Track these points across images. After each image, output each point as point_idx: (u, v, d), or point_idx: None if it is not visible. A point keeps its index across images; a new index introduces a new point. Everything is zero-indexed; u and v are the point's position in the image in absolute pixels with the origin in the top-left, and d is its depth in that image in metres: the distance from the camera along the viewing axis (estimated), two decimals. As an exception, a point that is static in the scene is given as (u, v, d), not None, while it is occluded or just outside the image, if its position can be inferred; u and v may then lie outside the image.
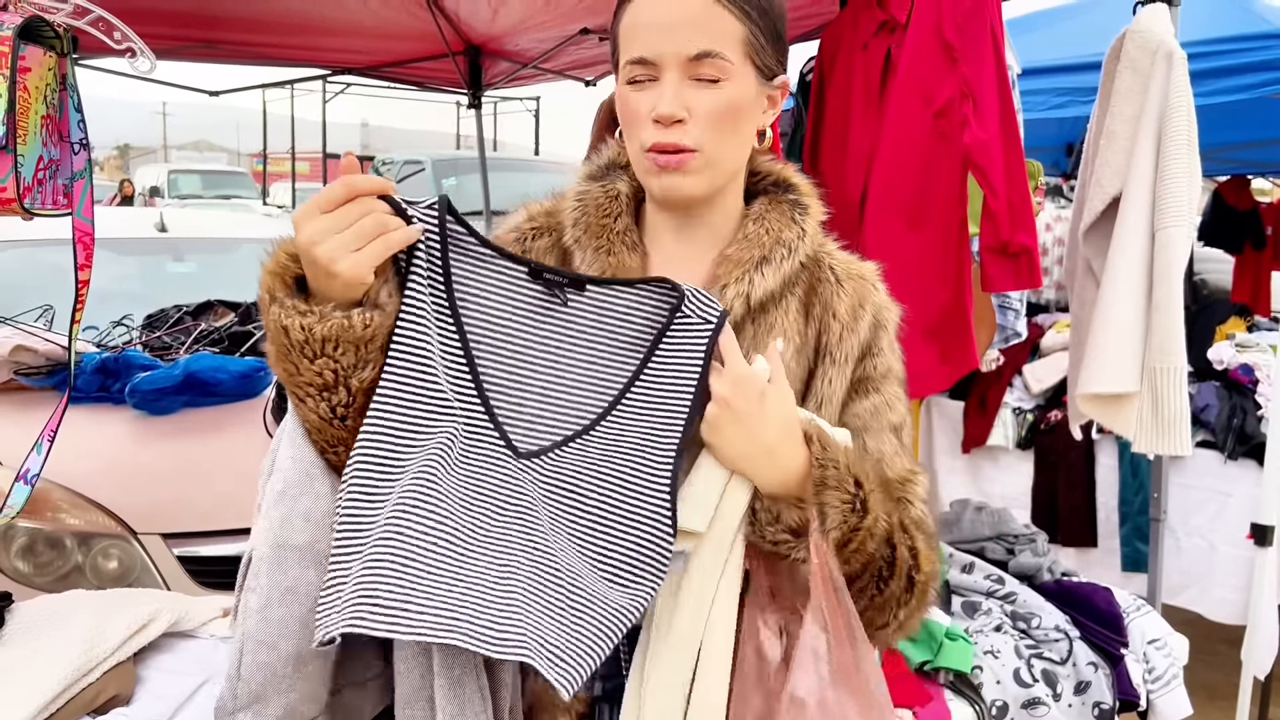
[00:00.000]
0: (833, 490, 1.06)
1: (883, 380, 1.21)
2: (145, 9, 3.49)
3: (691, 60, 1.08)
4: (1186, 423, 2.34)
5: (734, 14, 1.09)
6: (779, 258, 1.17)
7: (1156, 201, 2.31)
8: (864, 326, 1.20)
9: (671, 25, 1.08)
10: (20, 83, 1.33)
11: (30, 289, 3.57)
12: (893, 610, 1.13)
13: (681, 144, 1.10)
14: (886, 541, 1.10)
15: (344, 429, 1.04)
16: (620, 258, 1.18)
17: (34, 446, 1.60)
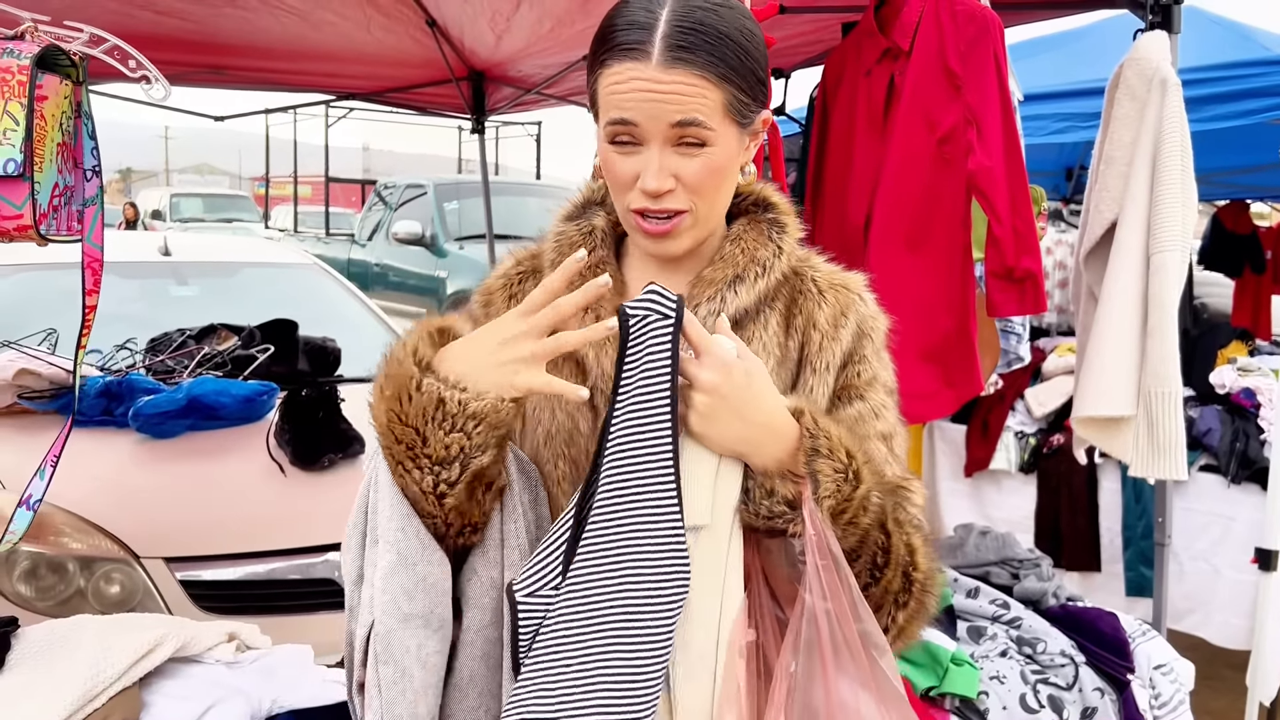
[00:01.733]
0: (824, 459, 1.06)
1: (867, 388, 1.21)
2: (154, 35, 3.52)
3: (673, 128, 1.09)
4: (1182, 447, 2.35)
5: (712, 81, 1.09)
6: (753, 275, 1.19)
7: (1151, 226, 2.33)
8: (846, 335, 1.21)
9: (650, 99, 1.08)
10: (37, 111, 1.35)
11: (34, 313, 3.58)
12: (890, 610, 1.11)
13: (670, 208, 1.13)
14: (880, 526, 1.10)
15: (439, 507, 1.06)
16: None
17: (37, 472, 1.61)
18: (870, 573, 1.10)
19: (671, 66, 1.08)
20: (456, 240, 9.41)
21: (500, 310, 1.24)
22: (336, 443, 3.04)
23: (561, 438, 1.20)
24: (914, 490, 1.18)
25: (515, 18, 3.69)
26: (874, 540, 1.09)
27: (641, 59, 1.08)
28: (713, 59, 1.09)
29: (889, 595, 1.11)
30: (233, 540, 2.69)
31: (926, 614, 1.15)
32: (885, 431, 1.20)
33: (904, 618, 1.12)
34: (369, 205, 11.59)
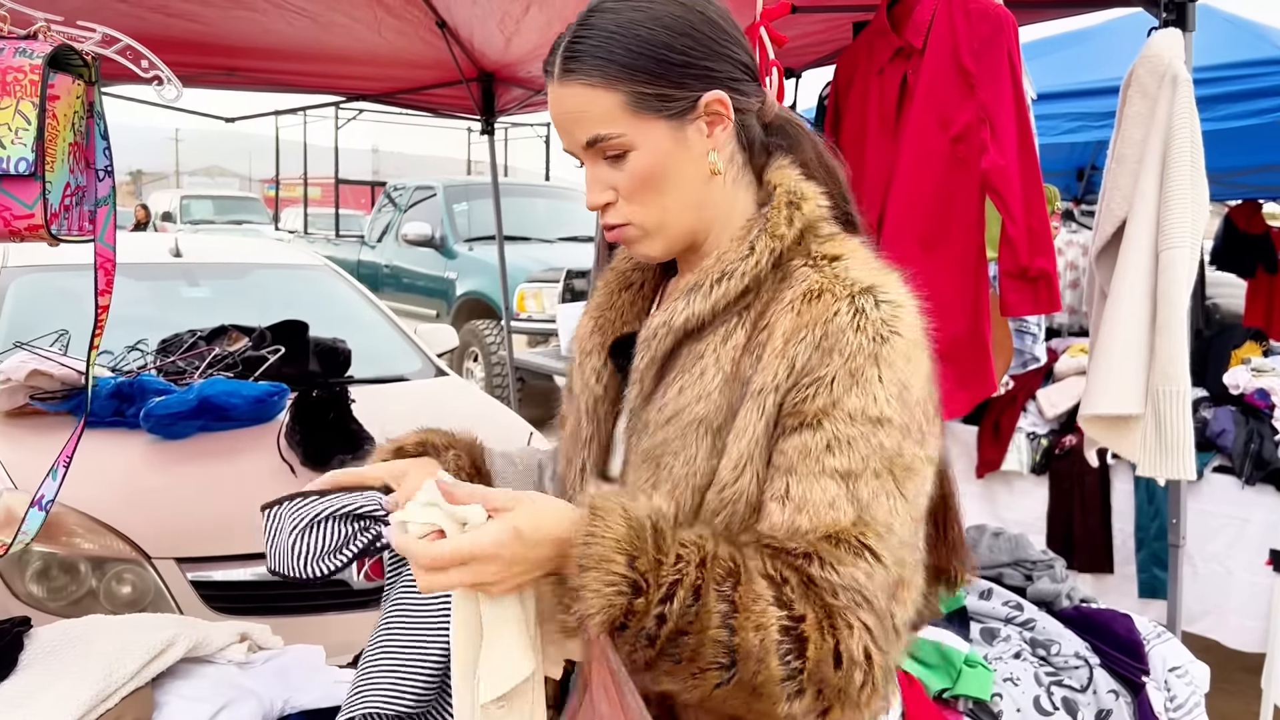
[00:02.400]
0: (591, 571, 0.92)
1: (822, 415, 1.01)
2: (165, 37, 3.53)
3: (587, 148, 1.10)
4: (1190, 447, 2.33)
5: (600, 86, 1.06)
6: (709, 283, 1.10)
7: (1160, 223, 2.31)
8: (800, 350, 1.03)
9: (560, 122, 1.11)
10: (50, 110, 1.35)
11: (46, 314, 3.60)
12: (775, 695, 0.94)
13: (614, 223, 1.13)
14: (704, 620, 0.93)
15: None
16: (610, 294, 1.26)
17: (49, 473, 1.61)
18: (718, 675, 0.94)
19: (564, 82, 1.08)
20: (466, 242, 9.42)
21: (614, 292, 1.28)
22: (347, 443, 3.04)
23: (569, 433, 1.24)
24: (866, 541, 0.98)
25: (525, 19, 3.69)
26: (702, 641, 0.93)
27: (550, 80, 1.10)
28: (598, 61, 1.06)
29: (764, 687, 0.94)
30: (244, 541, 2.69)
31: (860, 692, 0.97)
32: (845, 469, 0.99)
33: (806, 706, 0.95)
34: (378, 207, 11.61)
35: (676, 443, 1.08)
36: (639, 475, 1.11)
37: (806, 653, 0.94)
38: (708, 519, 1.06)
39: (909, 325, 1.05)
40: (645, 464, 1.11)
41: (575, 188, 11.26)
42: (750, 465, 1.05)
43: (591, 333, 1.23)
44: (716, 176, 1.13)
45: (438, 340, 4.46)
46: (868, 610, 0.97)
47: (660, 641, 0.93)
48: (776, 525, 1.01)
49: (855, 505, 0.99)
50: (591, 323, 1.24)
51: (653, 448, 1.10)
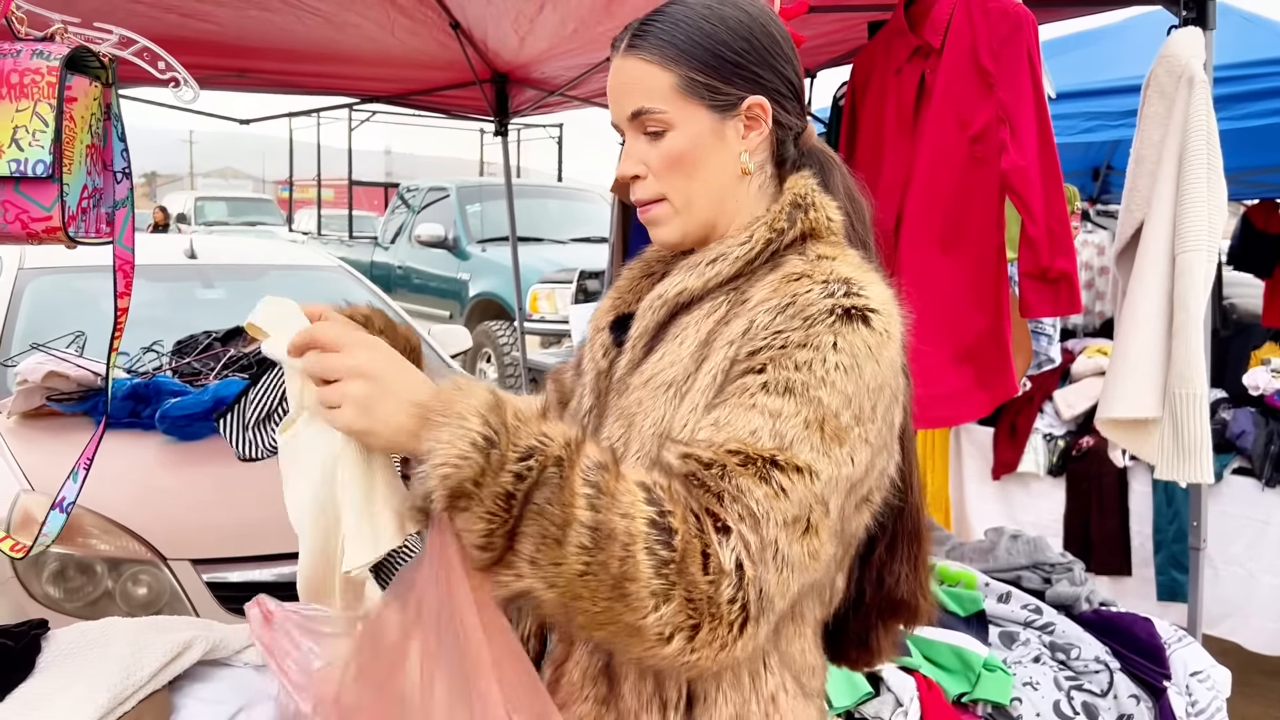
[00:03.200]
0: (445, 427, 0.88)
1: (769, 362, 1.01)
2: (179, 38, 3.54)
3: (632, 120, 1.16)
4: (1208, 450, 2.31)
5: (657, 65, 1.14)
6: (704, 264, 1.16)
7: (1176, 226, 2.30)
8: (762, 317, 1.04)
9: (614, 93, 1.18)
10: (67, 113, 1.35)
11: (62, 315, 3.61)
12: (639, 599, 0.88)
13: (640, 197, 1.18)
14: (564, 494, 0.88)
15: None
16: (632, 278, 1.31)
17: (70, 474, 1.61)
18: (580, 561, 0.88)
19: (626, 55, 1.16)
20: (479, 243, 9.43)
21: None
22: (361, 445, 3.04)
23: (570, 415, 1.27)
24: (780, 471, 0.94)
25: (539, 20, 3.69)
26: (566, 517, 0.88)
27: (614, 54, 1.18)
28: (661, 42, 1.14)
29: (629, 584, 0.88)
30: (259, 542, 2.69)
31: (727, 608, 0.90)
32: (775, 409, 0.97)
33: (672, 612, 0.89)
34: (392, 208, 11.64)
35: (648, 403, 1.11)
36: (612, 433, 1.15)
37: (674, 542, 0.89)
38: None
39: (880, 321, 1.03)
40: (618, 422, 1.14)
41: (588, 189, 11.26)
42: (695, 415, 1.05)
43: (607, 312, 1.29)
44: (745, 177, 1.18)
45: (452, 341, 4.46)
46: (750, 527, 0.92)
47: (517, 506, 0.88)
48: (692, 440, 1.00)
49: (776, 439, 0.96)
50: (609, 303, 1.30)
51: (626, 407, 1.14)
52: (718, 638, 0.90)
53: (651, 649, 0.90)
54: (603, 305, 1.31)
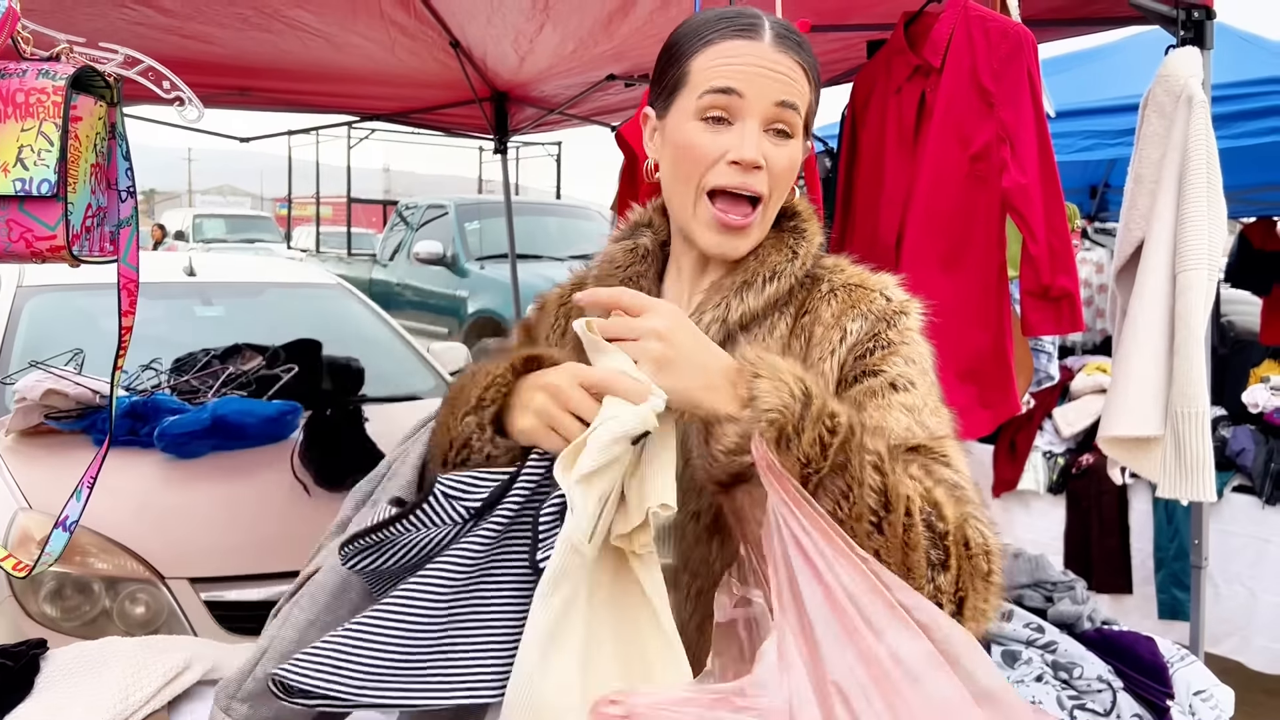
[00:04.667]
0: (765, 379, 0.97)
1: (884, 362, 1.13)
2: (180, 58, 3.55)
3: (776, 106, 1.14)
4: (1210, 468, 2.31)
5: (809, 79, 1.17)
6: (761, 280, 1.18)
7: (1177, 244, 2.30)
8: (853, 325, 1.16)
9: (764, 72, 1.13)
10: (72, 132, 1.35)
11: (61, 333, 3.60)
12: (926, 573, 0.96)
13: (755, 188, 1.14)
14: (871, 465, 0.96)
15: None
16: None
17: (73, 493, 1.60)
18: (871, 520, 0.95)
19: (783, 49, 1.14)
20: (478, 260, 9.43)
21: (549, 317, 1.34)
22: (361, 463, 3.02)
23: None
24: (947, 453, 1.08)
25: (538, 39, 3.70)
26: (861, 478, 0.96)
27: (755, 37, 1.14)
28: (810, 59, 1.17)
29: (912, 552, 0.95)
30: (257, 561, 2.68)
31: (989, 584, 0.99)
32: (910, 404, 1.10)
33: (950, 582, 0.96)
34: (390, 225, 11.65)
35: None
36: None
37: (945, 514, 0.99)
38: None
39: (916, 315, 1.19)
40: None
41: (587, 206, 11.28)
42: None
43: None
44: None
45: (451, 359, 4.46)
46: (971, 502, 1.04)
47: (831, 452, 0.95)
48: None
49: (925, 430, 1.09)
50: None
51: None
52: (979, 610, 0.99)
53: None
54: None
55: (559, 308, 1.34)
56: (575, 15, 3.38)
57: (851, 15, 2.90)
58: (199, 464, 3.04)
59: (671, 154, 1.18)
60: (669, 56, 1.20)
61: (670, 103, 1.19)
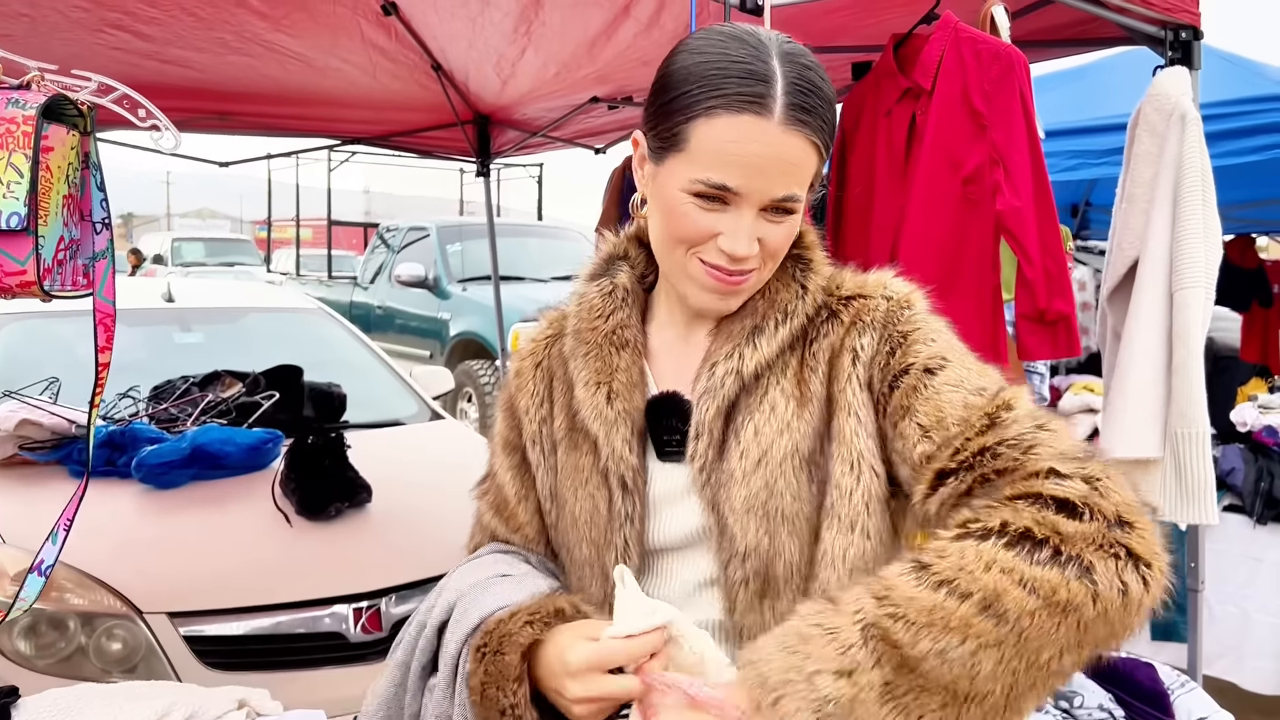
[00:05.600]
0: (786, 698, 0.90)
1: (906, 357, 1.08)
2: (159, 84, 3.51)
3: (774, 201, 1.05)
4: (1212, 490, 2.29)
5: (814, 148, 1.06)
6: (773, 324, 1.12)
7: (1173, 263, 2.29)
8: (862, 341, 1.10)
9: (767, 166, 1.03)
10: (43, 163, 1.30)
11: (36, 362, 3.54)
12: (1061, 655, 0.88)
13: (749, 268, 1.09)
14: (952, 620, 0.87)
15: None
16: (607, 360, 1.16)
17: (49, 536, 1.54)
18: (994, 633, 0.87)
19: (791, 129, 1.03)
20: (460, 282, 9.39)
21: (529, 384, 1.25)
22: (343, 491, 2.98)
23: (584, 519, 1.17)
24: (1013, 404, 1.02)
25: (521, 62, 3.69)
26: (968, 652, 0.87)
27: (763, 114, 1.02)
28: (822, 126, 1.06)
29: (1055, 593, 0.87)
30: (238, 594, 2.63)
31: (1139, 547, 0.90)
32: (953, 379, 1.05)
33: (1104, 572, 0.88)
34: (371, 248, 11.59)
35: (779, 483, 1.08)
36: (747, 529, 1.08)
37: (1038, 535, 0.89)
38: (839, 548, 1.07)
39: (920, 300, 1.15)
40: (750, 515, 1.08)
41: (568, 227, 11.26)
42: (864, 464, 1.08)
43: (610, 400, 1.15)
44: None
45: (434, 383, 4.41)
46: (1063, 457, 0.97)
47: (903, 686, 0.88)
48: (932, 451, 1.03)
49: (981, 395, 1.04)
50: (605, 390, 1.15)
51: (752, 495, 1.08)
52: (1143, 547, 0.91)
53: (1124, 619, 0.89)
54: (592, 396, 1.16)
55: (535, 369, 1.25)
56: (558, 39, 3.37)
57: (840, 37, 2.90)
58: (178, 494, 2.98)
59: (662, 213, 1.10)
60: (669, 99, 1.08)
61: (664, 157, 1.09)
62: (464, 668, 1.10)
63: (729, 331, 1.13)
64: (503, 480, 1.27)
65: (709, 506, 1.10)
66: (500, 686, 1.05)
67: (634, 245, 1.24)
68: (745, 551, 1.08)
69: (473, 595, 1.15)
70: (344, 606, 2.68)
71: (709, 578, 1.11)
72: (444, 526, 2.00)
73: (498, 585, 1.16)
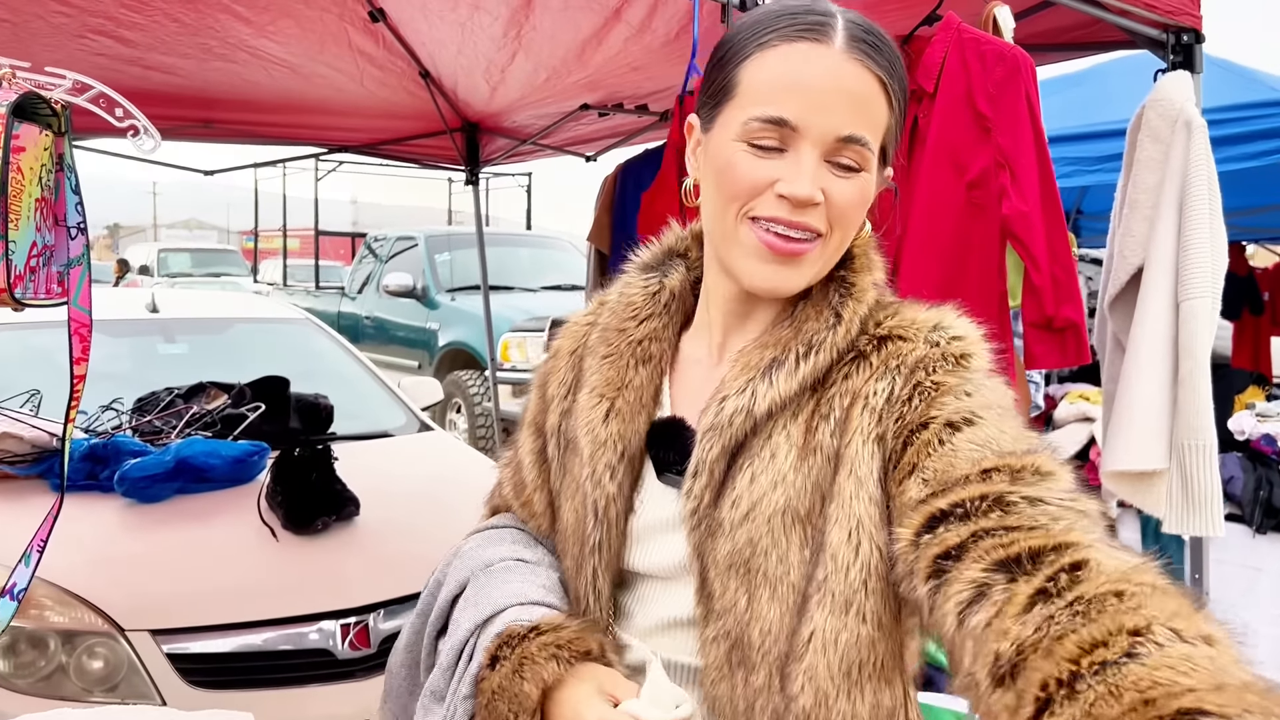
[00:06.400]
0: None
1: (929, 410, 0.92)
2: (141, 90, 3.46)
3: (838, 142, 0.93)
4: (1218, 502, 2.25)
5: (888, 100, 0.96)
6: (794, 358, 0.97)
7: (1179, 272, 2.25)
8: (878, 386, 0.95)
9: (828, 96, 0.92)
10: (14, 163, 1.24)
11: (17, 373, 3.48)
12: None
13: (810, 226, 0.95)
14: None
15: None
16: (622, 371, 1.07)
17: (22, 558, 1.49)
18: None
19: (856, 56, 0.93)
20: (448, 292, 9.34)
21: (561, 369, 1.16)
22: (330, 504, 2.93)
23: (569, 533, 1.12)
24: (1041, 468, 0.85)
25: (510, 69, 3.65)
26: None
27: (824, 39, 0.92)
28: (891, 66, 0.96)
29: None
30: (222, 610, 2.57)
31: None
32: (978, 438, 0.89)
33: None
34: (359, 258, 11.54)
35: (764, 540, 0.95)
36: (726, 585, 0.97)
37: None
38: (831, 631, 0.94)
39: (980, 356, 0.98)
40: (732, 571, 0.97)
41: (558, 237, 11.23)
42: (863, 532, 0.93)
43: (606, 418, 1.06)
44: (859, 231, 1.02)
45: (422, 394, 4.36)
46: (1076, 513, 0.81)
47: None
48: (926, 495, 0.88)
49: (995, 450, 0.87)
50: (605, 405, 1.06)
51: (736, 551, 0.97)
52: None
53: None
54: (592, 407, 1.07)
55: (570, 354, 1.16)
56: (547, 44, 3.33)
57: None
58: (161, 508, 2.93)
59: (714, 175, 0.98)
60: (719, 56, 0.99)
61: (715, 115, 0.98)
62: (472, 659, 1.04)
63: (746, 362, 1.01)
64: (524, 461, 1.20)
65: (695, 553, 1.00)
66: (514, 712, 0.98)
67: (696, 245, 1.13)
68: (721, 610, 0.98)
69: (487, 577, 1.12)
70: (331, 622, 2.63)
71: (689, 617, 1.02)
72: (433, 540, 1.95)
73: (512, 573, 1.12)
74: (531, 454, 1.19)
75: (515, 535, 1.21)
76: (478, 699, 1.01)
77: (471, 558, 1.18)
